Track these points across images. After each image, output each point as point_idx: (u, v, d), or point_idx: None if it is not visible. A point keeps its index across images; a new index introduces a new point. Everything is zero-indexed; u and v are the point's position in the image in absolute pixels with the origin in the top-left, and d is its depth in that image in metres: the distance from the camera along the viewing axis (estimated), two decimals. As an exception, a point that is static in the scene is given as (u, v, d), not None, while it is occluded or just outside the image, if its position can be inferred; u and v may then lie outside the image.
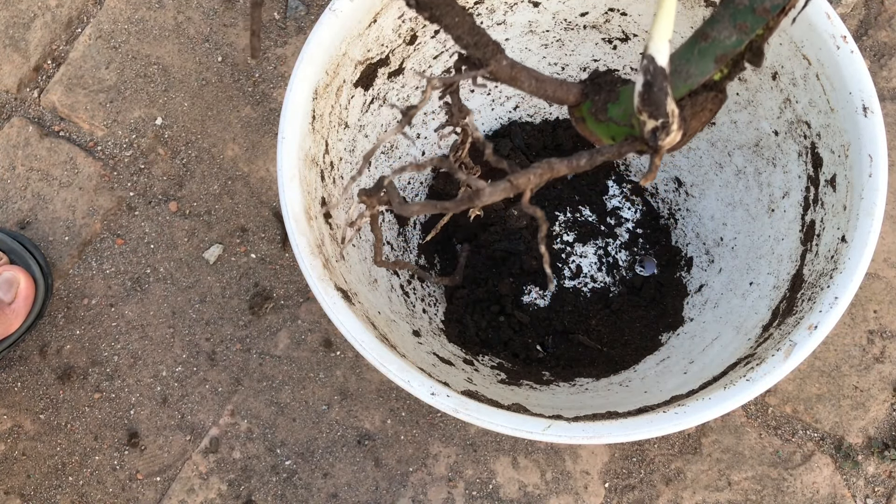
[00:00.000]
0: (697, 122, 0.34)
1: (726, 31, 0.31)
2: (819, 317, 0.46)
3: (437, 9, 0.30)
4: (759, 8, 0.30)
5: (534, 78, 0.34)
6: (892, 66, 0.81)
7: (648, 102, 0.31)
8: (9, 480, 0.75)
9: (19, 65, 0.83)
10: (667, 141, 0.32)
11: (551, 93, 0.35)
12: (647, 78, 0.30)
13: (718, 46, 0.31)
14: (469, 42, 0.32)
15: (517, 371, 0.64)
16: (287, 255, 0.79)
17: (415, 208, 0.34)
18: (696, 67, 0.32)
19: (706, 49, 0.32)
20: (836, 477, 0.74)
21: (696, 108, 0.33)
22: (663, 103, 0.30)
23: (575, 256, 0.74)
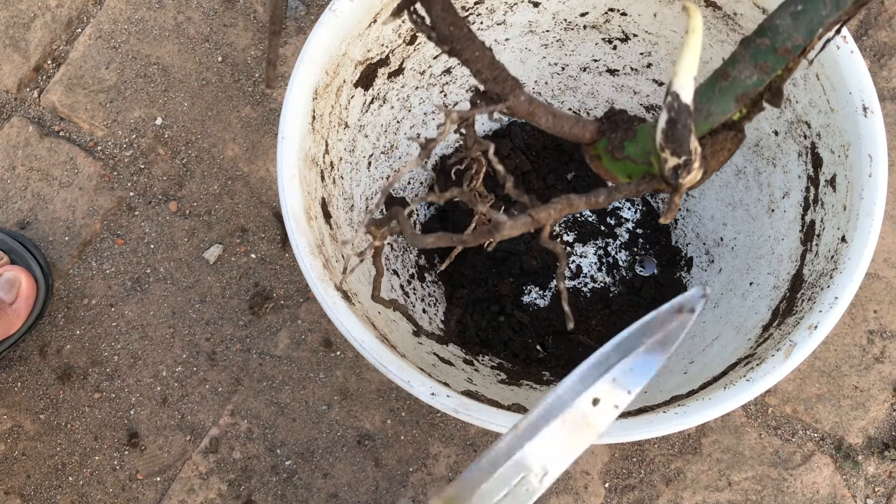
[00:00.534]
0: (716, 161, 0.34)
1: (747, 70, 0.31)
2: (819, 317, 0.46)
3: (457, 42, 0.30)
4: (781, 48, 0.30)
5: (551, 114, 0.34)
6: (892, 65, 0.81)
7: (672, 140, 0.31)
8: (9, 480, 0.75)
9: (19, 65, 0.83)
10: (688, 179, 0.32)
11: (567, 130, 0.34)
12: (672, 115, 0.30)
13: (739, 86, 0.31)
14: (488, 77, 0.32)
15: (517, 371, 0.64)
16: (287, 255, 0.79)
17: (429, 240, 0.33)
18: (717, 106, 0.32)
19: (727, 88, 0.32)
20: (836, 477, 0.74)
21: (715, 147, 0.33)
22: (687, 141, 0.30)
23: (575, 256, 0.74)
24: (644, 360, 0.27)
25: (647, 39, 0.63)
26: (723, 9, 0.55)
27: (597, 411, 0.26)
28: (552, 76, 0.71)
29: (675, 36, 0.60)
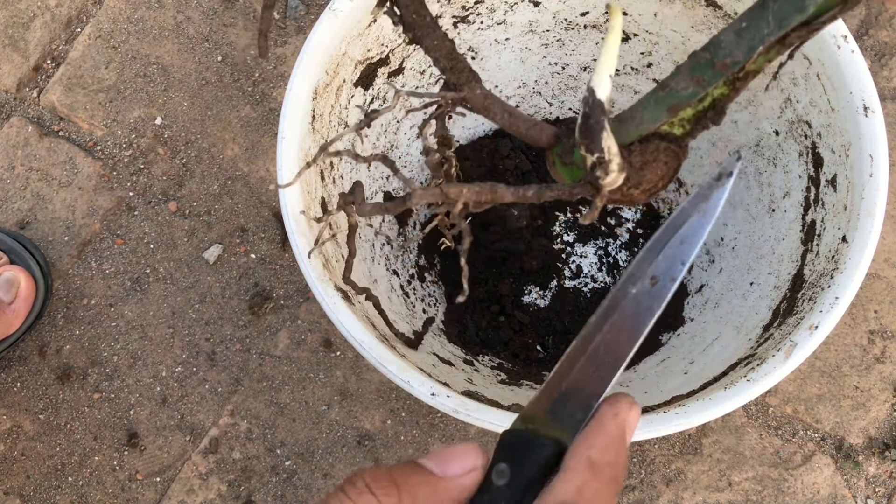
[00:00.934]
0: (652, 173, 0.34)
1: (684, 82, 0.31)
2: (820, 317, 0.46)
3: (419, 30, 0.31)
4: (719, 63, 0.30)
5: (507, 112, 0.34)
6: (892, 65, 0.81)
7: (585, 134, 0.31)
8: (8, 481, 0.75)
9: (19, 64, 0.83)
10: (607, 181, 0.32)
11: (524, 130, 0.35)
12: (586, 110, 0.31)
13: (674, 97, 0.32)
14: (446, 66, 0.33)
15: (517, 371, 0.64)
16: (287, 255, 0.78)
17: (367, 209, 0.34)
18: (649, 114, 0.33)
19: (662, 98, 0.32)
20: (836, 477, 0.73)
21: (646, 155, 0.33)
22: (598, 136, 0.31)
23: (575, 256, 0.73)
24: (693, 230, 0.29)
25: (647, 39, 0.63)
26: (723, 8, 0.55)
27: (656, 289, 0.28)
28: (552, 76, 0.70)
29: (675, 35, 0.60)
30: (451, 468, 0.25)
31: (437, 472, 0.25)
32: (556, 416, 0.27)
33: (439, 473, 0.25)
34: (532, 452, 0.26)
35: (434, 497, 0.25)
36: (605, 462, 0.24)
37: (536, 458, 0.25)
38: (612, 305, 0.28)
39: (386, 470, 0.25)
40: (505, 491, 0.25)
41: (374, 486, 0.24)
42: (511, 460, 0.25)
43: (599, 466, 0.24)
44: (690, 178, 0.71)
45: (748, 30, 0.29)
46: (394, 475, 0.25)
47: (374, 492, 0.24)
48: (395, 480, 0.24)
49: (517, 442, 0.26)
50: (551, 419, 0.27)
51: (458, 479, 0.25)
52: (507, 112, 0.34)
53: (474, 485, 0.25)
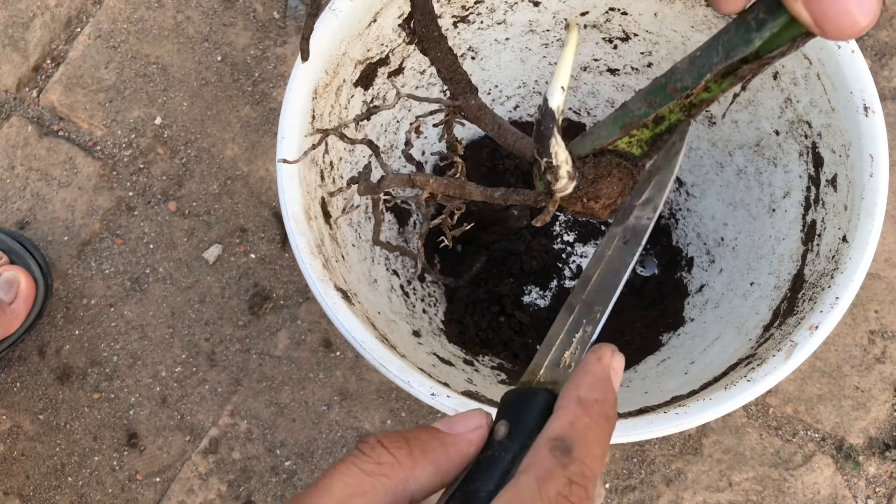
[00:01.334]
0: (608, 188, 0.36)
1: (638, 103, 0.34)
2: (820, 317, 0.46)
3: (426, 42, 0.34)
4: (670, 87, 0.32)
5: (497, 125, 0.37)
6: (893, 65, 0.81)
7: (538, 140, 0.34)
8: (8, 481, 0.75)
9: (18, 64, 0.83)
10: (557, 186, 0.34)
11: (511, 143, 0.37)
12: (538, 117, 0.33)
13: (628, 115, 0.34)
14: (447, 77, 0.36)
15: (518, 371, 0.64)
16: (287, 255, 0.78)
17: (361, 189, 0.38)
18: (605, 130, 0.35)
19: (619, 116, 0.35)
20: (837, 477, 0.73)
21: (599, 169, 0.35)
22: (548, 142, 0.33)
23: (575, 256, 0.73)
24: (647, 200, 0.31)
25: (647, 39, 0.63)
26: (723, 8, 0.55)
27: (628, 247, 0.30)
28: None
29: (675, 35, 0.60)
30: (457, 426, 0.27)
31: (445, 430, 0.27)
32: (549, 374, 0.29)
33: (447, 431, 0.27)
34: (527, 404, 0.27)
35: (443, 450, 0.26)
36: (593, 399, 0.26)
37: (532, 407, 0.27)
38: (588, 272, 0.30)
39: (397, 431, 0.27)
40: (505, 443, 0.27)
41: (385, 441, 0.26)
42: (509, 416, 0.27)
43: (588, 403, 0.26)
44: (690, 178, 0.71)
45: (700, 58, 0.31)
46: (405, 434, 0.26)
47: (385, 445, 0.26)
48: (405, 437, 0.26)
49: (514, 399, 0.28)
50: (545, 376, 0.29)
51: (465, 434, 0.27)
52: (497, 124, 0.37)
53: (480, 440, 0.27)
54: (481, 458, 0.27)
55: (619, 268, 0.30)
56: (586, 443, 0.25)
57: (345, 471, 0.25)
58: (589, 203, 0.36)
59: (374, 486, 0.24)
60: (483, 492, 0.25)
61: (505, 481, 0.25)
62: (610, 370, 0.27)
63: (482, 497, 0.25)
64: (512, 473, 0.25)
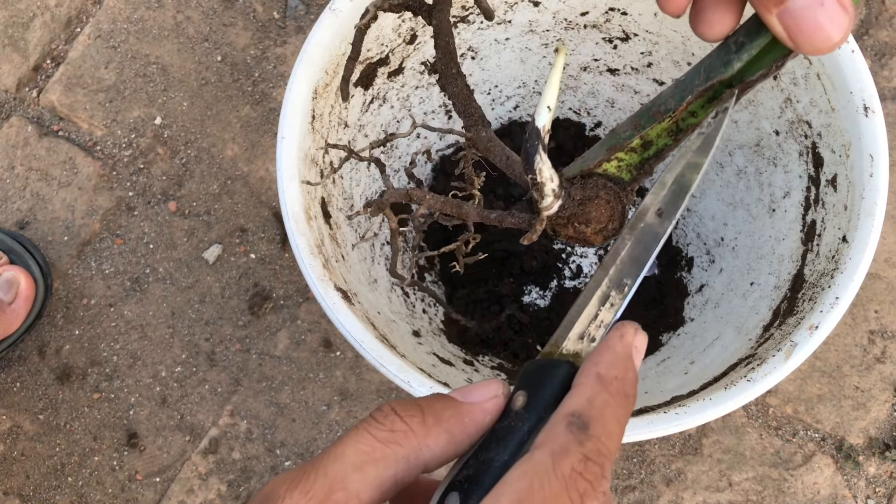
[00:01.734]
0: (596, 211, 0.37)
1: (625, 126, 0.35)
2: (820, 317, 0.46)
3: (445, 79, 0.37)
4: (655, 110, 0.33)
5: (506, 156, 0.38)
6: (892, 65, 0.81)
7: (524, 157, 0.35)
8: (8, 481, 0.75)
9: (18, 64, 0.83)
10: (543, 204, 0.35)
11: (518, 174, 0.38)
12: (525, 135, 0.35)
13: (614, 138, 0.35)
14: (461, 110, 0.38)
15: (517, 371, 0.64)
16: (287, 256, 0.78)
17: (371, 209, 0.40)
18: (593, 153, 0.36)
19: (607, 139, 0.36)
20: (836, 477, 0.73)
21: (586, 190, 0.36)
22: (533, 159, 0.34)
23: (575, 256, 0.73)
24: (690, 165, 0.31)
25: (647, 39, 0.63)
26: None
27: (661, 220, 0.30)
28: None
29: (675, 35, 0.60)
30: (473, 395, 0.27)
31: (461, 399, 0.27)
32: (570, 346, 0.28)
33: (462, 400, 0.27)
34: (548, 377, 0.27)
35: (458, 419, 0.26)
36: (612, 376, 0.26)
37: (551, 379, 0.27)
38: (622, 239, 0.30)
39: (412, 400, 0.26)
40: (523, 413, 0.26)
41: (399, 409, 0.26)
42: (528, 386, 0.27)
43: (608, 380, 0.26)
44: (690, 178, 0.71)
45: (683, 82, 0.32)
46: (419, 402, 0.26)
47: (399, 413, 0.26)
48: (419, 405, 0.26)
49: (534, 369, 0.28)
50: (568, 348, 0.28)
51: (480, 403, 0.26)
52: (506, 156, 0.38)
53: (497, 409, 0.27)
54: (497, 428, 0.27)
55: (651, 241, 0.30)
56: (603, 420, 0.24)
57: (358, 438, 0.25)
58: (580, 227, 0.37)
59: (385, 453, 0.24)
60: (497, 462, 0.25)
61: (520, 453, 0.25)
62: (632, 348, 0.27)
63: (496, 467, 0.25)
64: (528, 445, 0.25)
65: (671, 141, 0.34)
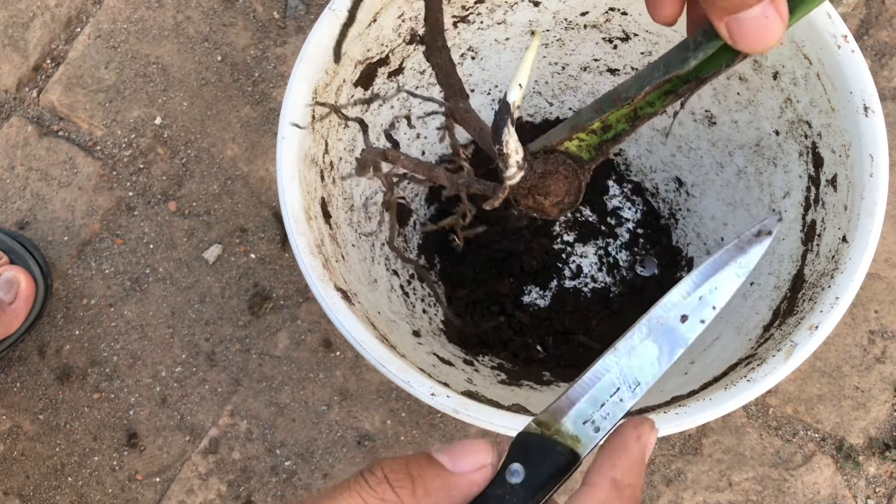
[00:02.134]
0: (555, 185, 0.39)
1: (588, 109, 0.37)
2: (820, 317, 0.46)
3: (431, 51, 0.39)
4: (615, 96, 0.35)
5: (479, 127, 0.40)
6: (892, 65, 0.81)
7: (493, 129, 0.37)
8: (8, 481, 0.75)
9: (18, 64, 0.83)
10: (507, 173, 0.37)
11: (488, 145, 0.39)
12: (496, 108, 0.37)
13: (577, 120, 0.37)
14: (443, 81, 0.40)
15: (517, 371, 0.64)
16: (287, 256, 0.78)
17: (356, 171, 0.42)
18: (557, 131, 0.38)
19: (570, 120, 0.38)
20: (836, 478, 0.73)
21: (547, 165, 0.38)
22: (502, 131, 0.36)
23: (575, 256, 0.73)
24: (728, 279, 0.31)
25: (647, 39, 0.63)
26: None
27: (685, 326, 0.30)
28: (552, 76, 0.70)
29: (675, 35, 0.60)
30: (463, 464, 0.27)
31: (449, 467, 0.27)
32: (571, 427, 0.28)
33: (451, 469, 0.27)
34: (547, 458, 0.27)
35: (445, 491, 0.26)
36: (627, 483, 0.26)
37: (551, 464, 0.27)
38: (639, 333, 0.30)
39: (403, 462, 0.27)
40: (519, 490, 0.27)
41: (391, 478, 0.26)
42: (525, 461, 0.27)
43: (622, 487, 0.26)
44: (690, 178, 0.71)
45: (644, 74, 0.34)
46: (410, 468, 0.26)
47: (391, 483, 0.26)
48: (410, 473, 0.26)
49: (533, 444, 0.28)
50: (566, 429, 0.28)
51: (468, 475, 0.27)
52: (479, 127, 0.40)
53: (485, 482, 0.27)
54: (489, 495, 0.27)
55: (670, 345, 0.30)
56: None
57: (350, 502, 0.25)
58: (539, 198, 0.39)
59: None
60: None
61: None
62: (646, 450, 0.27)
63: None
64: None
65: (628, 126, 0.37)
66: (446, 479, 0.26)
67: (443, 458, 0.27)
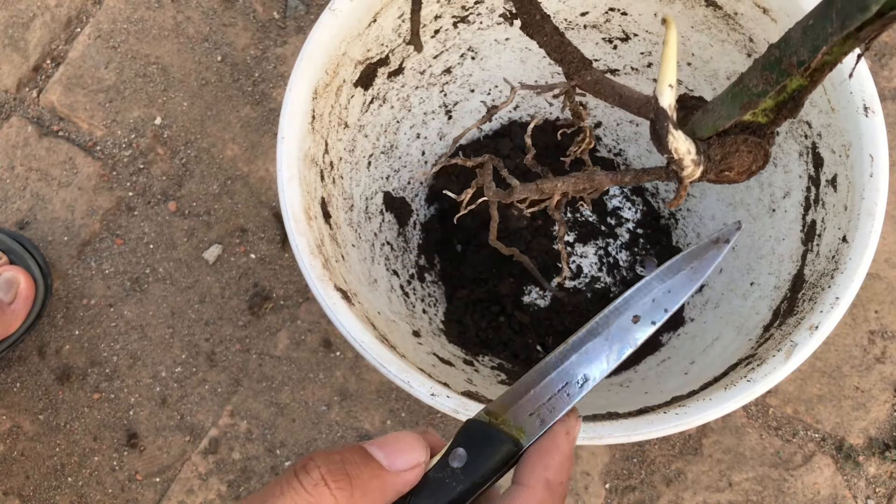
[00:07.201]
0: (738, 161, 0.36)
1: (755, 80, 0.32)
2: (820, 317, 0.46)
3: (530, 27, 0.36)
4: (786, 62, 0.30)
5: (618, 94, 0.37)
6: (892, 65, 0.81)
7: (654, 138, 0.34)
8: (8, 481, 0.75)
9: (18, 64, 0.83)
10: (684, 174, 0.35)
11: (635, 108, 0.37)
12: (651, 116, 0.33)
13: (745, 94, 0.33)
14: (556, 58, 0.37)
15: (518, 372, 0.64)
16: (287, 256, 0.78)
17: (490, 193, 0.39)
18: (725, 110, 0.34)
19: (736, 94, 0.33)
20: (836, 478, 0.73)
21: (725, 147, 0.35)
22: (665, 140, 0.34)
23: (575, 257, 0.73)
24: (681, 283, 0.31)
25: (647, 39, 0.63)
26: (723, 8, 0.55)
27: (636, 327, 0.30)
28: (552, 76, 0.70)
29: (675, 35, 0.60)
30: (398, 463, 0.27)
31: (386, 465, 0.27)
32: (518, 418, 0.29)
33: (387, 467, 0.27)
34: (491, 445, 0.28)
35: (381, 491, 0.27)
36: (558, 482, 0.27)
37: (494, 451, 0.28)
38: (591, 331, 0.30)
39: (339, 459, 0.27)
40: (459, 474, 0.27)
41: (328, 479, 0.26)
42: (469, 447, 0.28)
43: (554, 486, 0.27)
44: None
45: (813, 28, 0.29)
46: (347, 468, 0.26)
47: (328, 484, 0.26)
48: (348, 474, 0.26)
49: (478, 432, 0.29)
50: (513, 419, 0.29)
51: (403, 473, 0.27)
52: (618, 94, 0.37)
53: (417, 479, 0.28)
54: (431, 477, 0.28)
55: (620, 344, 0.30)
56: None
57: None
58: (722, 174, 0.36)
59: None
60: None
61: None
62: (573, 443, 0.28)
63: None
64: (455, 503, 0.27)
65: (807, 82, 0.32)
66: (383, 478, 0.27)
67: (378, 455, 0.27)
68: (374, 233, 0.64)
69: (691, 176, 0.35)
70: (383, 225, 0.67)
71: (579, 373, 0.29)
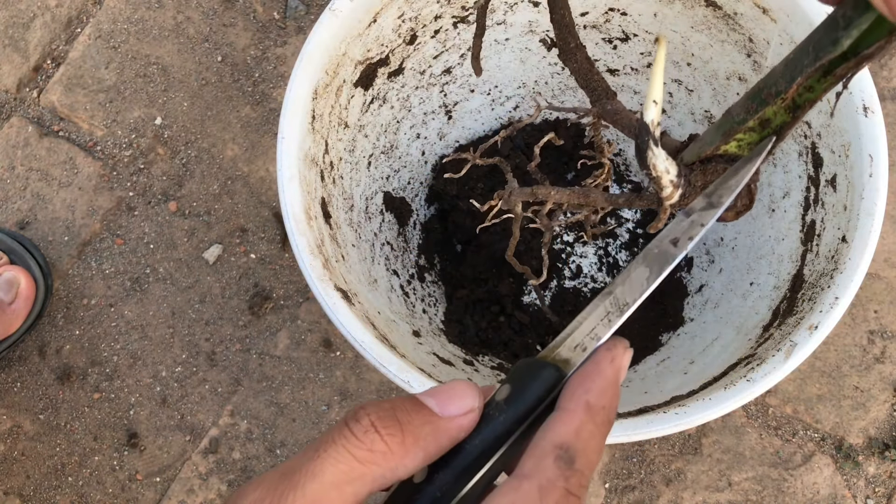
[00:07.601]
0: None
1: (739, 109, 0.34)
2: (819, 317, 0.46)
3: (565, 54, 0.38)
4: (766, 92, 0.32)
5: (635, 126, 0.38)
6: (892, 66, 0.81)
7: (637, 153, 0.35)
8: (8, 481, 0.75)
9: (19, 65, 0.83)
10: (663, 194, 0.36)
11: None
12: (635, 132, 0.34)
13: (729, 122, 0.34)
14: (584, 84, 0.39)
15: (517, 371, 0.64)
16: (287, 256, 0.79)
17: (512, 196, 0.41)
18: (710, 137, 0.35)
19: (722, 123, 0.35)
20: (836, 477, 0.73)
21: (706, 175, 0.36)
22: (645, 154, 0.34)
23: (575, 257, 0.73)
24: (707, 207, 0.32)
25: (647, 39, 0.63)
26: (723, 8, 0.55)
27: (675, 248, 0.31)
28: (552, 76, 0.70)
29: (675, 36, 0.60)
30: (451, 408, 0.26)
31: (438, 411, 0.26)
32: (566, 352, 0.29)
33: (439, 413, 0.26)
34: (533, 375, 0.28)
35: (434, 437, 0.26)
36: (600, 406, 0.26)
37: (536, 380, 0.28)
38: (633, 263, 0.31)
39: (389, 407, 0.26)
40: (502, 405, 0.27)
41: (379, 425, 0.25)
42: (513, 382, 0.28)
43: (596, 410, 0.26)
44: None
45: (792, 61, 0.31)
46: (398, 415, 0.26)
47: (378, 430, 0.25)
48: (398, 420, 0.25)
49: (524, 367, 0.29)
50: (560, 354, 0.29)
51: (457, 419, 0.26)
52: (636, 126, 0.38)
53: (472, 425, 0.27)
54: None
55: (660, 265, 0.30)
56: (587, 452, 0.25)
57: (337, 457, 0.24)
58: None
59: (363, 472, 0.24)
60: (469, 445, 0.26)
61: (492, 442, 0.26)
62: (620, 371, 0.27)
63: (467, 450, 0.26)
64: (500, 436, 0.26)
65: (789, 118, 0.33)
66: (435, 424, 0.26)
67: (430, 402, 0.26)
68: (374, 233, 0.64)
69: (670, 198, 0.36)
70: (383, 225, 0.67)
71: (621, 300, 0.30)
